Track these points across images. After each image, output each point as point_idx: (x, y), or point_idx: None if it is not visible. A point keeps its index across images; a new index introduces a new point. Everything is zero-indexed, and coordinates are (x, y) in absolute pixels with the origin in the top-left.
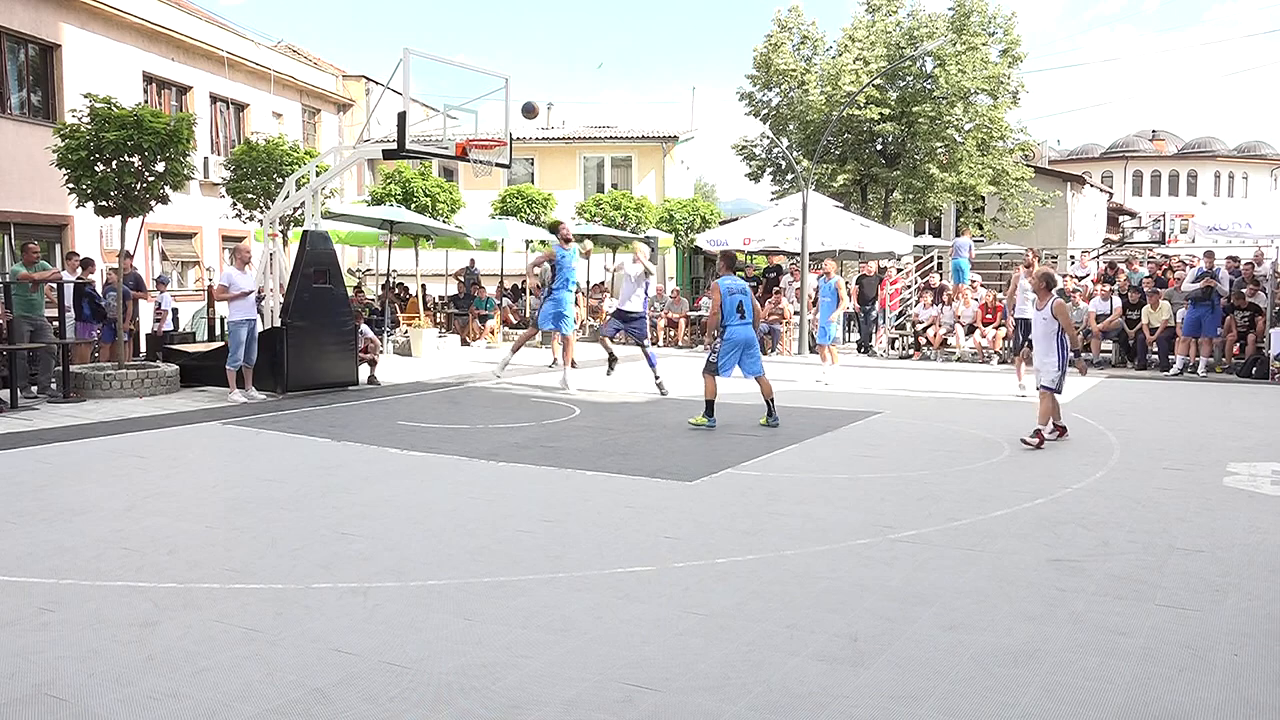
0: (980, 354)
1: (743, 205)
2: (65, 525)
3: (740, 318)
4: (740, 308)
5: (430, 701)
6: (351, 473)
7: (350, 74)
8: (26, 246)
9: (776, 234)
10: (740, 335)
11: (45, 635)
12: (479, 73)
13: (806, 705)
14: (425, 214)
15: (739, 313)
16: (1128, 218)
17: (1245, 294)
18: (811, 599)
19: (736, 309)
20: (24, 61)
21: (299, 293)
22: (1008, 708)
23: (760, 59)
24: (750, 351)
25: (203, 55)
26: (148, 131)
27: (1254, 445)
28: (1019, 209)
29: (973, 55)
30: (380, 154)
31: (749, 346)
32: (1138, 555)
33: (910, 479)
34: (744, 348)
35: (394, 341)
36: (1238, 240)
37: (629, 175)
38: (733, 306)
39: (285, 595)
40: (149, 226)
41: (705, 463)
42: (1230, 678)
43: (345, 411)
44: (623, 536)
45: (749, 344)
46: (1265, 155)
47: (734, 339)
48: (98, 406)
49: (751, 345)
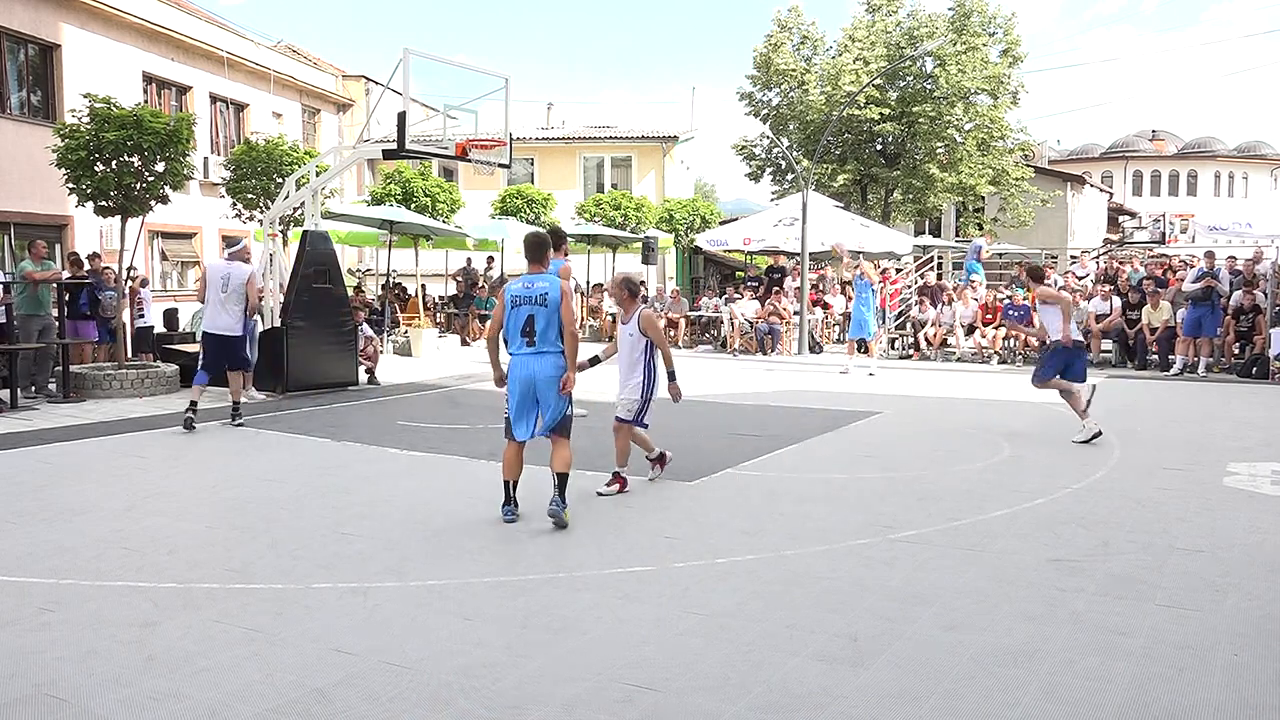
0: (980, 354)
1: (743, 205)
2: (65, 525)
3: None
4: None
5: (430, 701)
6: (351, 473)
7: (350, 74)
8: (35, 243)
9: (776, 234)
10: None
11: (45, 635)
12: (479, 73)
13: (806, 705)
14: (425, 214)
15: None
16: (1128, 218)
17: (1242, 296)
18: (811, 599)
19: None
20: (24, 61)
21: (299, 293)
22: (1008, 708)
23: (760, 59)
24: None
25: (202, 55)
26: (147, 131)
27: (1254, 445)
28: (1019, 209)
29: (973, 55)
30: (380, 154)
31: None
32: (1138, 555)
33: (910, 479)
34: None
35: (394, 341)
36: (1238, 240)
37: (629, 175)
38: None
39: (285, 595)
40: (149, 226)
41: (705, 463)
42: (1230, 678)
43: (345, 411)
44: (623, 536)
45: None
46: (1265, 155)
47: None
48: (98, 406)
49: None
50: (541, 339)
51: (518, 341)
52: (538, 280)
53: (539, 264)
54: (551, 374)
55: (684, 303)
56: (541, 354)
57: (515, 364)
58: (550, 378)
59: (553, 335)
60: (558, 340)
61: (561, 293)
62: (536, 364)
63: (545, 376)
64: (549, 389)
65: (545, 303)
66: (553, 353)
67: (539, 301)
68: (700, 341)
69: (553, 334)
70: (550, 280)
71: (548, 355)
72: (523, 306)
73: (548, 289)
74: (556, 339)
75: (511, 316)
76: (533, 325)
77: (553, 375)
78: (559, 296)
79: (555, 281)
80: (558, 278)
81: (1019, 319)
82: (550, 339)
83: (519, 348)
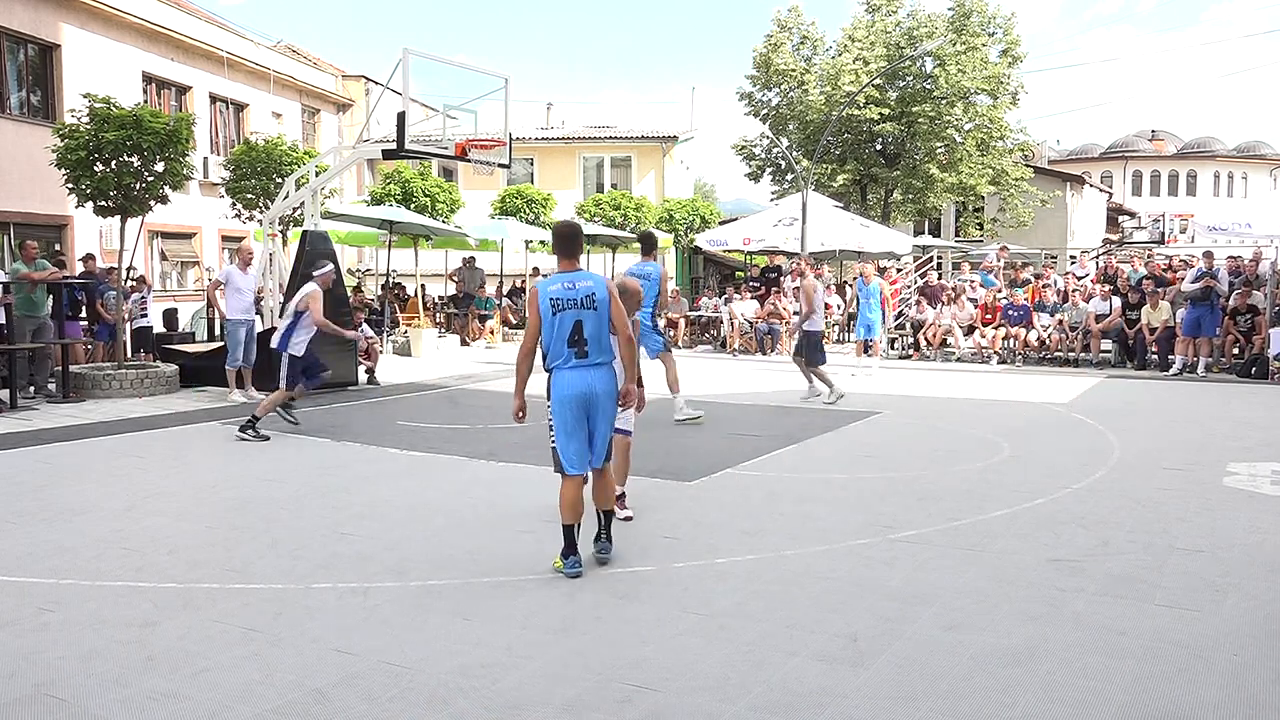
0: (980, 354)
1: (742, 205)
2: (65, 525)
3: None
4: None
5: (429, 702)
6: (351, 473)
7: (350, 74)
8: (25, 244)
9: (776, 234)
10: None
11: (45, 635)
12: (479, 73)
13: (806, 705)
14: (425, 214)
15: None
16: (1127, 218)
17: (1241, 296)
18: (811, 599)
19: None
20: (23, 61)
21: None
22: (1007, 708)
23: (760, 59)
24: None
25: (202, 55)
26: (147, 131)
27: (1254, 445)
28: (1019, 209)
29: (972, 55)
30: (380, 154)
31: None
32: (1138, 555)
33: (910, 479)
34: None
35: (394, 341)
36: (1237, 240)
37: (628, 175)
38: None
39: (285, 595)
40: (148, 226)
41: (705, 463)
42: (1230, 677)
43: (345, 412)
44: (622, 536)
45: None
46: (1265, 155)
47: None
48: (97, 406)
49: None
50: (595, 348)
51: (564, 354)
52: (580, 279)
53: (572, 260)
54: (608, 389)
55: (684, 303)
56: (598, 365)
57: (563, 381)
58: (610, 392)
59: (607, 342)
60: (613, 348)
61: (611, 291)
62: (593, 378)
63: (605, 391)
64: (604, 408)
65: (594, 304)
66: (609, 363)
67: (586, 304)
68: (700, 341)
69: (607, 340)
70: (595, 278)
71: (605, 367)
72: (566, 311)
73: (594, 288)
74: (611, 346)
75: (553, 324)
76: (581, 332)
77: (610, 390)
78: (608, 296)
79: (601, 279)
80: (601, 275)
81: (1018, 320)
82: (605, 346)
83: (566, 360)
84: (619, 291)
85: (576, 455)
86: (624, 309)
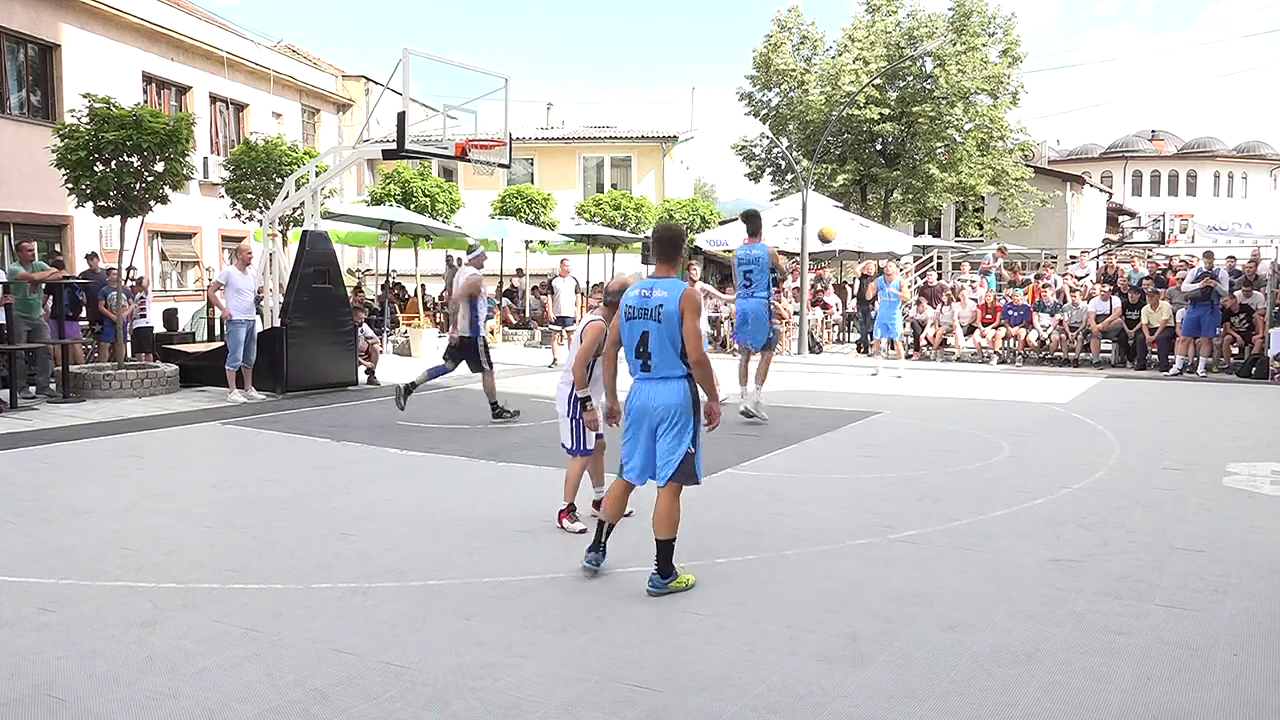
0: (980, 354)
1: (742, 205)
2: (65, 525)
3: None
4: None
5: (429, 702)
6: (351, 472)
7: (350, 74)
8: (21, 245)
9: (776, 234)
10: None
11: (45, 635)
12: (479, 73)
13: (806, 705)
14: (425, 214)
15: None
16: (1127, 218)
17: (1239, 296)
18: (811, 599)
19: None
20: (23, 61)
21: (298, 293)
22: (1007, 708)
23: (760, 59)
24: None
25: (202, 55)
26: (147, 131)
27: (1253, 445)
28: (1019, 209)
29: (972, 55)
30: (380, 154)
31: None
32: (1137, 555)
33: (910, 479)
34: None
35: (394, 341)
36: (1237, 240)
37: (628, 175)
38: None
39: (285, 595)
40: (148, 226)
41: (705, 463)
42: (1230, 677)
43: (345, 411)
44: (621, 537)
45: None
46: (1265, 155)
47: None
48: (97, 406)
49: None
50: (659, 361)
51: (632, 363)
52: (659, 287)
53: (667, 265)
54: (670, 403)
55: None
56: (662, 380)
57: (631, 391)
58: (667, 407)
59: (673, 357)
60: (682, 363)
61: (684, 305)
62: (653, 392)
63: (661, 406)
64: (667, 424)
65: (660, 317)
66: (675, 378)
67: (654, 315)
68: None
69: (672, 355)
70: (671, 288)
71: (669, 381)
72: (636, 320)
73: (665, 300)
74: (680, 361)
75: (625, 332)
76: (647, 344)
77: (671, 405)
78: (678, 310)
79: (677, 290)
80: (683, 284)
81: (1018, 320)
82: (671, 361)
83: (634, 370)
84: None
85: (631, 463)
86: (698, 328)
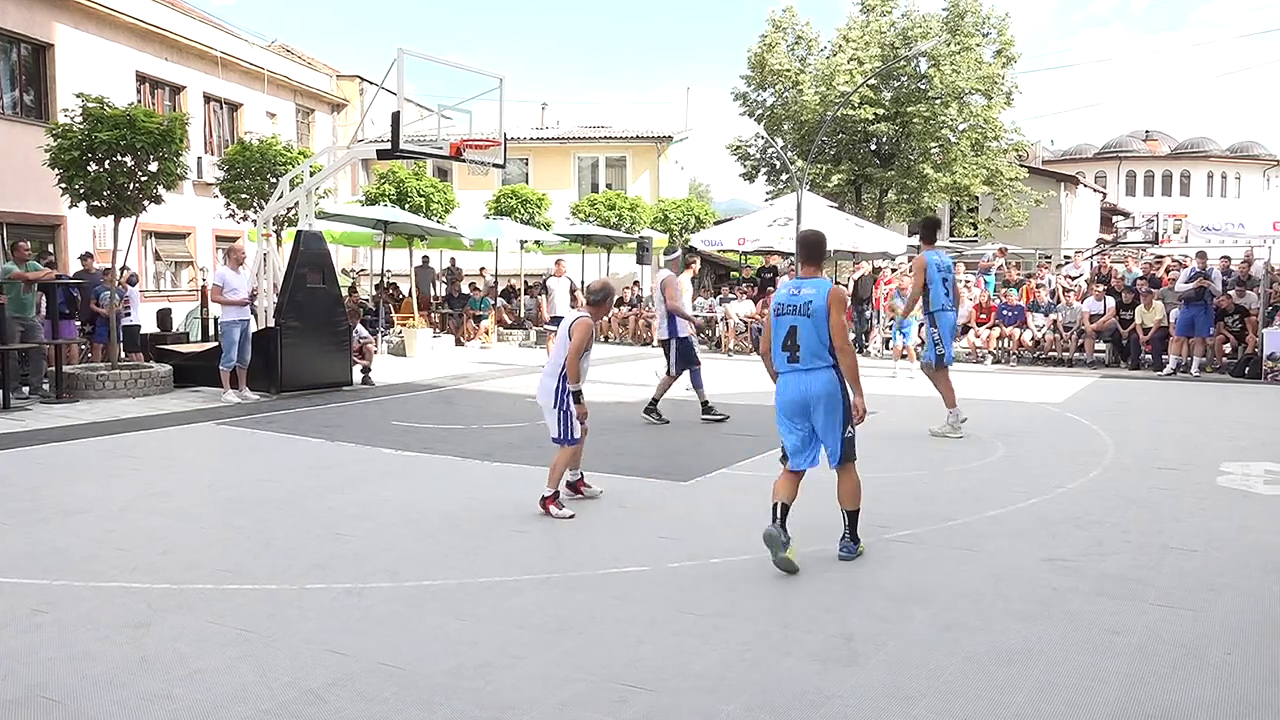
0: (974, 354)
1: (737, 205)
2: (59, 526)
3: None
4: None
5: (424, 702)
6: (346, 473)
7: (344, 74)
8: (17, 245)
9: (771, 234)
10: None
11: (39, 636)
12: (473, 72)
13: (801, 705)
14: (419, 214)
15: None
16: (1121, 218)
17: (1233, 296)
18: (806, 599)
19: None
20: (17, 61)
21: (293, 293)
22: (1002, 707)
23: (755, 59)
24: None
25: (196, 55)
26: (141, 131)
27: (1247, 445)
28: (1013, 209)
29: (967, 55)
30: (374, 154)
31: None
32: (1132, 554)
33: (905, 479)
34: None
35: (388, 341)
36: (1231, 240)
37: (623, 175)
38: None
39: (279, 596)
40: (142, 226)
41: (700, 463)
42: (1223, 676)
43: (339, 412)
44: (617, 537)
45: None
46: (1258, 156)
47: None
48: (91, 407)
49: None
50: (807, 354)
51: (780, 357)
52: (805, 285)
53: (813, 267)
54: (825, 391)
55: None
56: (812, 370)
57: (780, 385)
58: (823, 395)
59: (821, 350)
60: (829, 354)
61: (831, 301)
62: (807, 382)
63: (816, 395)
64: (824, 412)
65: (809, 313)
66: (823, 368)
67: (803, 311)
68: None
69: (819, 347)
70: (818, 286)
71: (816, 371)
72: (785, 316)
73: (813, 297)
74: (827, 353)
75: (774, 327)
76: (795, 338)
77: (827, 393)
78: (826, 305)
79: (824, 288)
80: (829, 283)
81: (1013, 320)
82: (819, 353)
83: (782, 364)
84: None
85: (793, 451)
86: (843, 322)
